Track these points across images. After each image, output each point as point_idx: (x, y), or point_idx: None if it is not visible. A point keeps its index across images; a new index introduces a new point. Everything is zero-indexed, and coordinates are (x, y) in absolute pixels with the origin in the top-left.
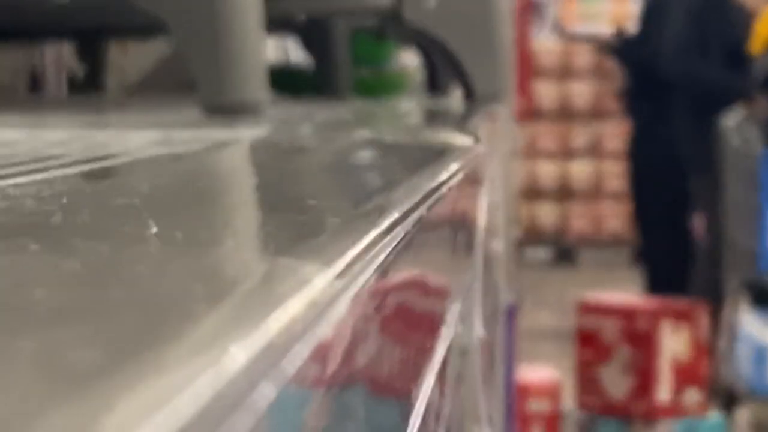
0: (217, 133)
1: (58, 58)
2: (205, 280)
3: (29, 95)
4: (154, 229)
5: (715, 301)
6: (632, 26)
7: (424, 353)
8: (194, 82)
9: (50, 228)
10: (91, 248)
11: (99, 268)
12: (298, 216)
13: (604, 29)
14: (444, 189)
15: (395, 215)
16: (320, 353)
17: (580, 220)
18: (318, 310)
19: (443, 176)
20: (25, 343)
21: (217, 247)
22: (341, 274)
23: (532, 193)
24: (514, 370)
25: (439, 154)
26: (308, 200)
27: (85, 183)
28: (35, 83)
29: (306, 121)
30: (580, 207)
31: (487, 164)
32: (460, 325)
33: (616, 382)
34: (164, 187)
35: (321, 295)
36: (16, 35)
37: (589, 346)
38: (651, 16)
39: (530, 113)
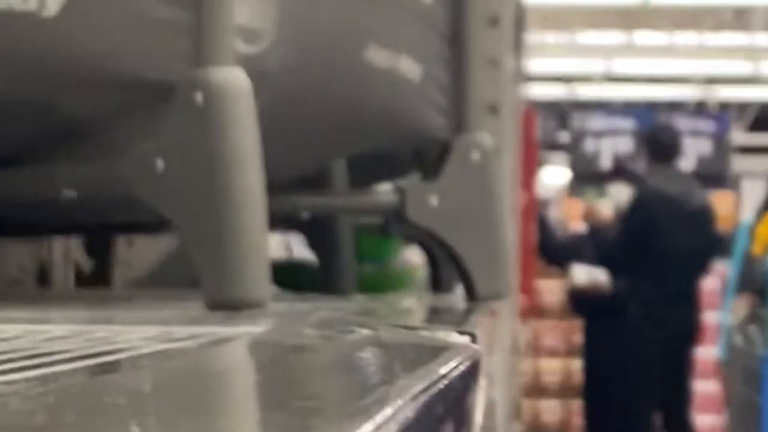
0: (217, 329)
1: (66, 252)
2: None
3: (37, 289)
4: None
5: None
6: None
7: None
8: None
9: (28, 429)
10: None
11: None
12: (290, 417)
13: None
14: (438, 387)
15: (389, 412)
16: None
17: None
18: None
19: (438, 374)
20: None
21: None
22: None
23: (536, 389)
24: None
25: (436, 352)
26: (304, 399)
27: (76, 381)
28: (43, 277)
29: (308, 318)
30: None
31: (484, 362)
32: None
33: None
34: (156, 385)
35: None
36: (26, 230)
37: None
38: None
39: (534, 310)
